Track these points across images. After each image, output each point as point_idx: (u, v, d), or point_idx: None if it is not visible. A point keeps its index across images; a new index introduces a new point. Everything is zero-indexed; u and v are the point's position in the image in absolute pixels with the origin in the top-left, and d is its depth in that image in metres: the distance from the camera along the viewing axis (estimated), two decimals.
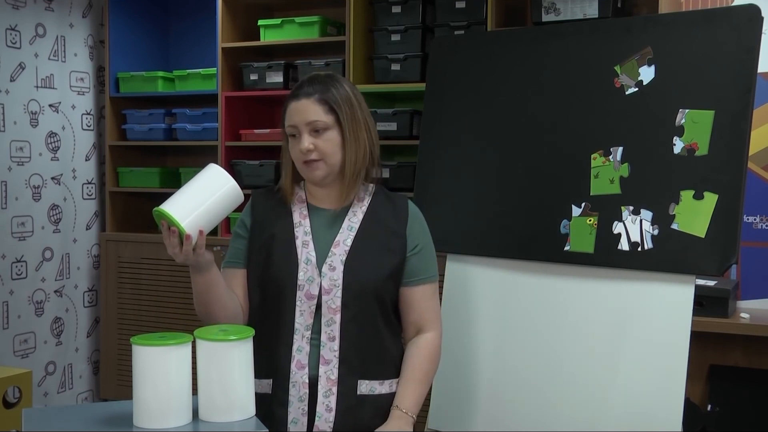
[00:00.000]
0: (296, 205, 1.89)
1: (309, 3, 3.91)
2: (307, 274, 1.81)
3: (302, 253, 1.82)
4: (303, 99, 1.80)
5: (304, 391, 1.80)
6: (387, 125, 3.50)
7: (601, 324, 2.11)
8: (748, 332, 2.81)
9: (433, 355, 1.88)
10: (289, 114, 1.82)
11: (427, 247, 1.91)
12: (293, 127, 1.81)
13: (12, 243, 3.69)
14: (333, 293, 1.79)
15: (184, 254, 1.67)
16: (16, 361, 3.70)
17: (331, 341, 1.79)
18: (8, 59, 3.65)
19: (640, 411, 2.02)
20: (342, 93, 1.82)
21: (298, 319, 1.80)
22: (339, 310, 1.79)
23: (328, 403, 1.79)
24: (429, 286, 1.89)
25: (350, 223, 1.85)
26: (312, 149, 1.79)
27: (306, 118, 1.79)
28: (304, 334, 1.80)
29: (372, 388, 1.83)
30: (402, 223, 1.88)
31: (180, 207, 1.66)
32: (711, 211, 1.96)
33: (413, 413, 1.82)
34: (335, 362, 1.79)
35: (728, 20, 2.00)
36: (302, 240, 1.84)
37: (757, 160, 3.01)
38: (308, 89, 1.82)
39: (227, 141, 3.86)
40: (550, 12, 3.17)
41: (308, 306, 1.80)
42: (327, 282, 1.80)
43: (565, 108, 2.22)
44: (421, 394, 1.85)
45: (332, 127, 1.80)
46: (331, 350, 1.79)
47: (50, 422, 1.55)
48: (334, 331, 1.79)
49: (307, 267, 1.81)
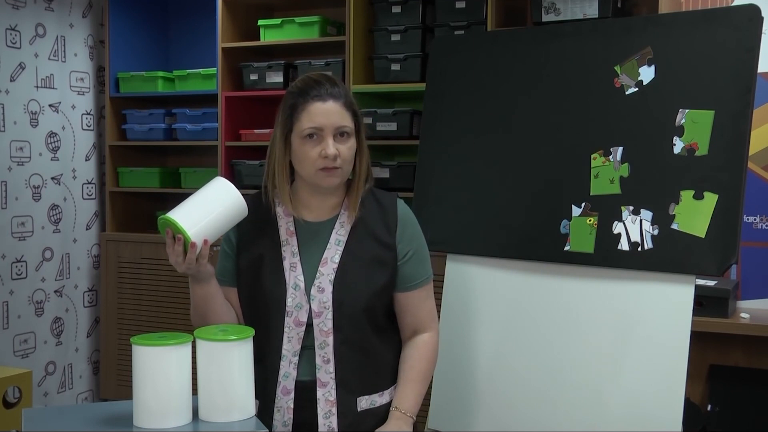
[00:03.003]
0: (282, 218, 1.82)
1: (309, 3, 3.91)
2: (296, 301, 1.76)
3: (290, 277, 1.77)
4: (330, 101, 1.72)
5: (288, 417, 1.77)
6: (387, 125, 3.50)
7: (601, 324, 2.11)
8: (748, 332, 2.80)
9: (431, 355, 1.87)
10: (312, 114, 1.71)
11: (420, 250, 1.86)
12: (317, 129, 1.71)
13: (12, 243, 3.69)
14: (324, 316, 1.75)
15: (187, 263, 1.66)
16: (16, 361, 3.70)
17: (326, 363, 1.76)
18: (8, 59, 3.65)
19: (640, 411, 2.02)
20: (354, 99, 1.78)
21: (285, 345, 1.76)
22: (331, 333, 1.75)
23: (329, 423, 1.76)
24: (424, 288, 1.86)
25: (337, 236, 1.79)
26: (338, 154, 1.71)
27: (336, 121, 1.71)
28: (291, 360, 1.77)
29: (372, 401, 1.81)
30: (391, 231, 1.82)
31: (187, 216, 1.66)
32: (711, 211, 1.96)
33: (412, 414, 1.82)
34: (332, 384, 1.76)
35: (728, 20, 2.00)
36: (290, 262, 1.78)
37: (757, 160, 3.00)
38: (332, 90, 1.73)
39: (227, 141, 3.86)
40: (550, 12, 3.17)
41: (296, 332, 1.76)
42: (317, 305, 1.75)
43: (565, 108, 2.22)
44: (419, 394, 1.84)
45: (353, 134, 1.75)
46: (326, 372, 1.76)
47: (50, 422, 1.55)
48: (328, 353, 1.76)
49: (296, 293, 1.76)
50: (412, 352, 1.86)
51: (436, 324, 1.90)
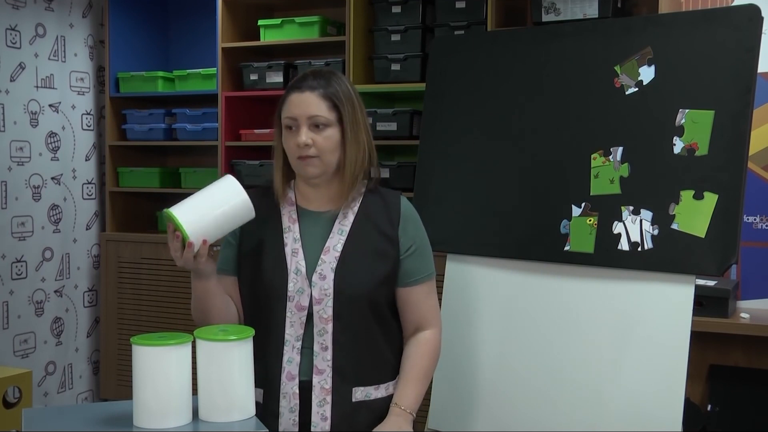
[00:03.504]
0: (285, 207, 1.85)
1: (309, 3, 3.91)
2: (297, 285, 1.78)
3: (291, 262, 1.79)
4: (307, 92, 1.76)
5: (294, 402, 1.78)
6: (387, 125, 3.50)
7: (601, 324, 2.11)
8: (748, 332, 2.80)
9: (433, 353, 1.87)
10: (289, 105, 1.77)
11: (422, 246, 1.87)
12: (292, 119, 1.76)
13: (12, 243, 3.69)
14: (324, 303, 1.76)
15: (184, 260, 1.67)
16: (16, 361, 3.70)
17: (324, 351, 1.77)
18: (8, 59, 3.65)
19: (640, 411, 2.02)
20: (345, 91, 1.79)
21: (288, 330, 1.78)
22: (330, 320, 1.76)
23: (323, 412, 1.77)
24: (426, 284, 1.87)
25: (341, 226, 1.81)
26: (310, 144, 1.74)
27: (308, 111, 1.75)
28: (295, 344, 1.78)
29: (367, 393, 1.81)
30: (394, 224, 1.84)
31: (188, 213, 1.66)
32: (711, 211, 1.96)
33: (412, 411, 1.82)
34: (329, 371, 1.77)
35: (728, 20, 2.00)
36: (291, 248, 1.80)
37: (757, 160, 3.00)
38: (312, 82, 1.77)
39: (227, 141, 3.86)
40: (550, 12, 3.17)
41: (299, 317, 1.77)
42: (317, 292, 1.77)
43: (565, 108, 2.22)
44: (420, 392, 1.84)
45: (333, 124, 1.77)
46: (324, 360, 1.77)
47: (50, 422, 1.55)
48: (327, 341, 1.76)
49: (297, 278, 1.78)
50: (414, 349, 1.86)
51: (439, 321, 1.90)
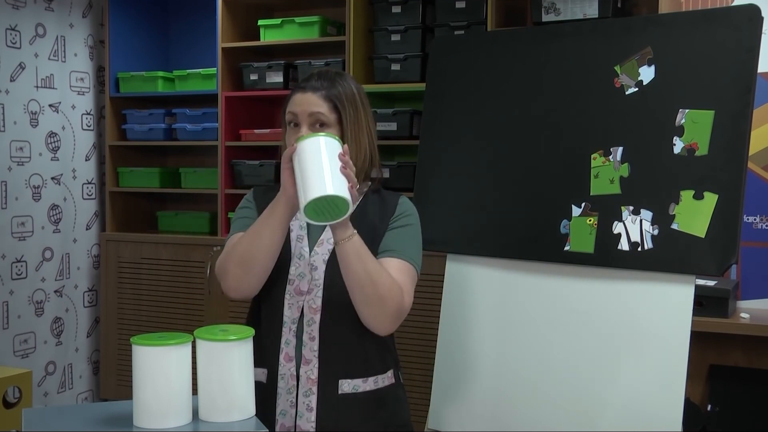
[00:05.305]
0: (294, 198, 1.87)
1: (309, 3, 3.91)
2: (299, 270, 1.81)
3: (296, 247, 1.83)
4: (309, 92, 1.81)
5: (292, 383, 1.80)
6: (387, 125, 3.50)
7: (601, 324, 2.11)
8: (748, 332, 2.80)
9: (386, 275, 1.73)
10: (292, 103, 1.83)
11: (409, 232, 1.84)
12: (293, 115, 1.81)
13: (12, 243, 3.69)
14: (314, 293, 1.79)
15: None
16: (16, 361, 3.70)
17: (311, 341, 1.79)
18: (8, 59, 3.65)
19: (640, 411, 2.02)
20: (348, 94, 1.82)
21: (286, 312, 1.81)
22: (319, 310, 1.79)
23: (308, 402, 1.78)
24: (399, 261, 1.79)
25: None
26: None
27: (308, 109, 1.79)
28: (291, 327, 1.81)
29: (355, 386, 1.82)
30: (387, 217, 1.85)
31: (327, 184, 1.60)
32: (711, 211, 1.96)
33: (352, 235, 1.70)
34: (315, 362, 1.78)
35: (728, 20, 2.00)
36: (297, 234, 1.84)
37: (757, 160, 3.00)
38: (316, 83, 1.82)
39: (227, 141, 3.86)
40: (550, 12, 3.17)
41: (296, 301, 1.80)
42: (308, 282, 1.80)
43: (565, 108, 2.22)
44: (364, 257, 1.69)
45: (333, 125, 1.80)
46: (311, 350, 1.79)
47: (50, 422, 1.55)
48: (314, 331, 1.79)
49: (300, 262, 1.81)
50: None
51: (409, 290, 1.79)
